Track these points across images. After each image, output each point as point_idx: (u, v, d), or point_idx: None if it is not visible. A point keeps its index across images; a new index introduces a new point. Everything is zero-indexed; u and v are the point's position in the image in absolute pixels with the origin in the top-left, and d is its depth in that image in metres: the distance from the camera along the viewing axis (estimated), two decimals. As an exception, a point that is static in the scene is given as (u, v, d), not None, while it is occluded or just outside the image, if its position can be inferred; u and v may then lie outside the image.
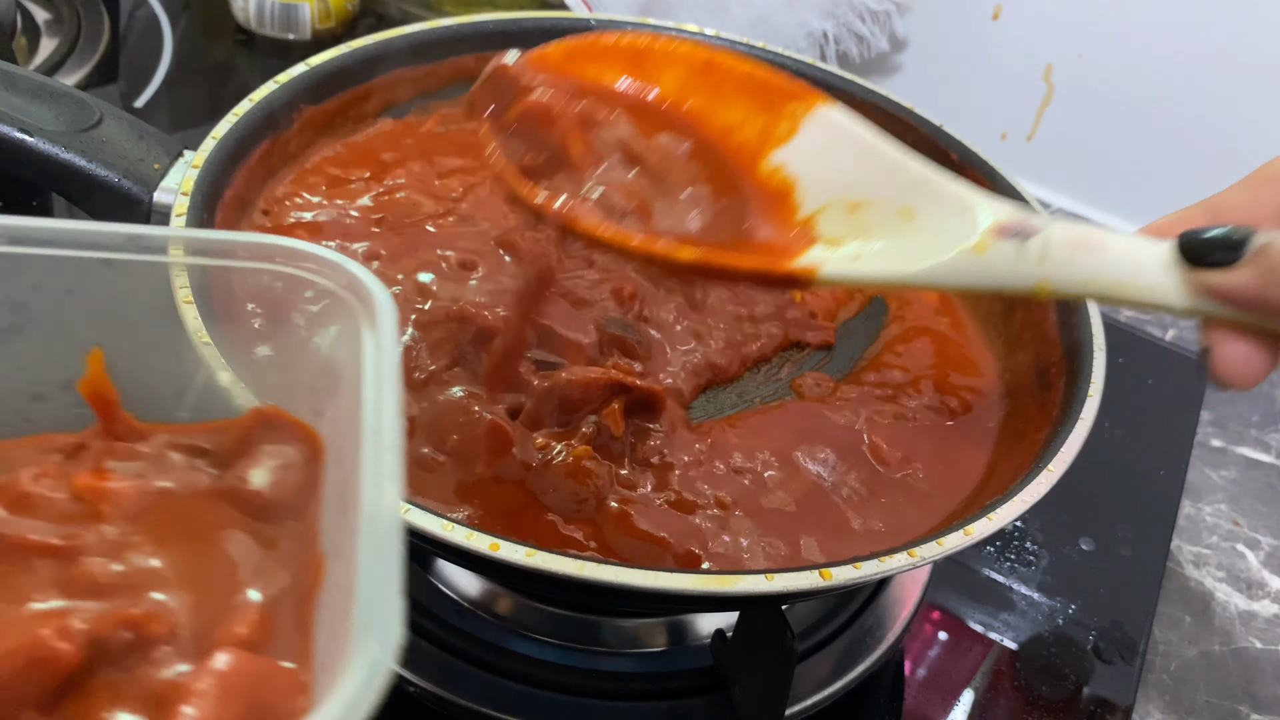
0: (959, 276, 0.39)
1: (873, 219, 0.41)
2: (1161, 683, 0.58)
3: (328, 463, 0.33)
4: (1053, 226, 0.38)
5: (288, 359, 0.35)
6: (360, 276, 0.32)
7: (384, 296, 0.31)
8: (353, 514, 0.27)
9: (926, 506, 0.50)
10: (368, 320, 0.31)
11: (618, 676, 0.51)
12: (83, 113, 0.52)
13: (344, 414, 0.31)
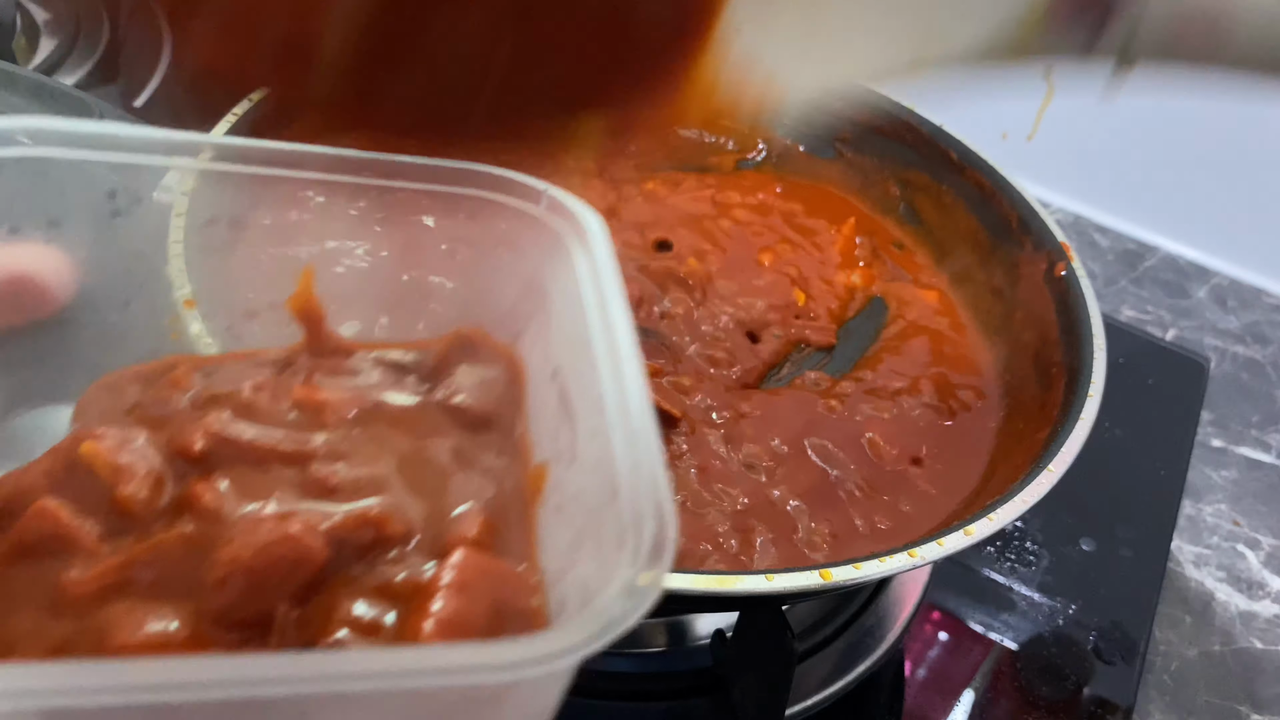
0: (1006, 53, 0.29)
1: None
2: (1162, 683, 0.58)
3: (533, 381, 0.33)
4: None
5: (484, 283, 0.35)
6: (563, 200, 0.32)
7: (591, 218, 0.31)
8: (588, 418, 0.28)
9: (927, 506, 0.50)
10: (578, 242, 0.31)
11: (617, 677, 0.51)
12: (82, 113, 0.52)
13: (555, 333, 0.32)
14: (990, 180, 0.61)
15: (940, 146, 0.64)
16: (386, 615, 0.27)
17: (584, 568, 0.27)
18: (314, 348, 0.35)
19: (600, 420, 0.27)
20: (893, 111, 0.66)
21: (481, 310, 0.35)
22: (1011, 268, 0.60)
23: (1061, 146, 0.95)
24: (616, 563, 0.24)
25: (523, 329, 0.34)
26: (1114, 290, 0.86)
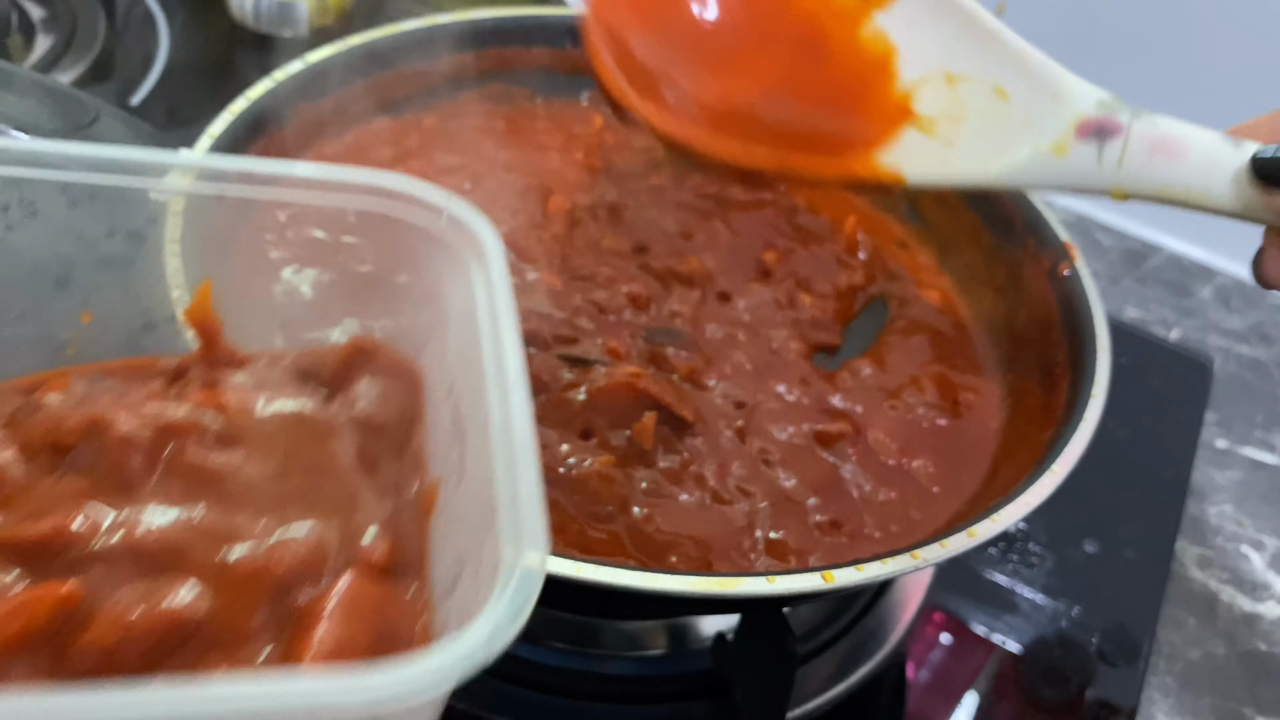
0: (1037, 178, 0.40)
1: (969, 96, 0.41)
2: (1166, 685, 0.58)
3: (432, 396, 0.33)
4: (1135, 125, 0.38)
5: (384, 296, 0.35)
6: (463, 216, 0.32)
7: (489, 235, 0.32)
8: (475, 436, 0.28)
9: (930, 508, 0.49)
10: (474, 257, 0.31)
11: (618, 680, 0.50)
12: (78, 110, 0.52)
13: (453, 348, 0.32)
14: (993, 179, 0.61)
15: (942, 145, 0.64)
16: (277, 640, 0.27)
17: (464, 591, 0.27)
18: (209, 358, 0.35)
19: (486, 440, 0.27)
20: (894, 109, 0.66)
21: (383, 322, 0.35)
22: (1014, 267, 0.59)
23: (1063, 145, 0.95)
24: (490, 593, 0.24)
25: (423, 343, 0.34)
26: (1117, 290, 0.86)
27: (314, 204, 0.34)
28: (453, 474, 0.30)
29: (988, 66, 0.41)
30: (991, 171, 0.40)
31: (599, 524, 0.45)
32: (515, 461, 0.26)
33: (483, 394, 0.28)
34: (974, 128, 0.41)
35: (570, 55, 0.69)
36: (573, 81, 0.69)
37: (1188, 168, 0.37)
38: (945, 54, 0.42)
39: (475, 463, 0.28)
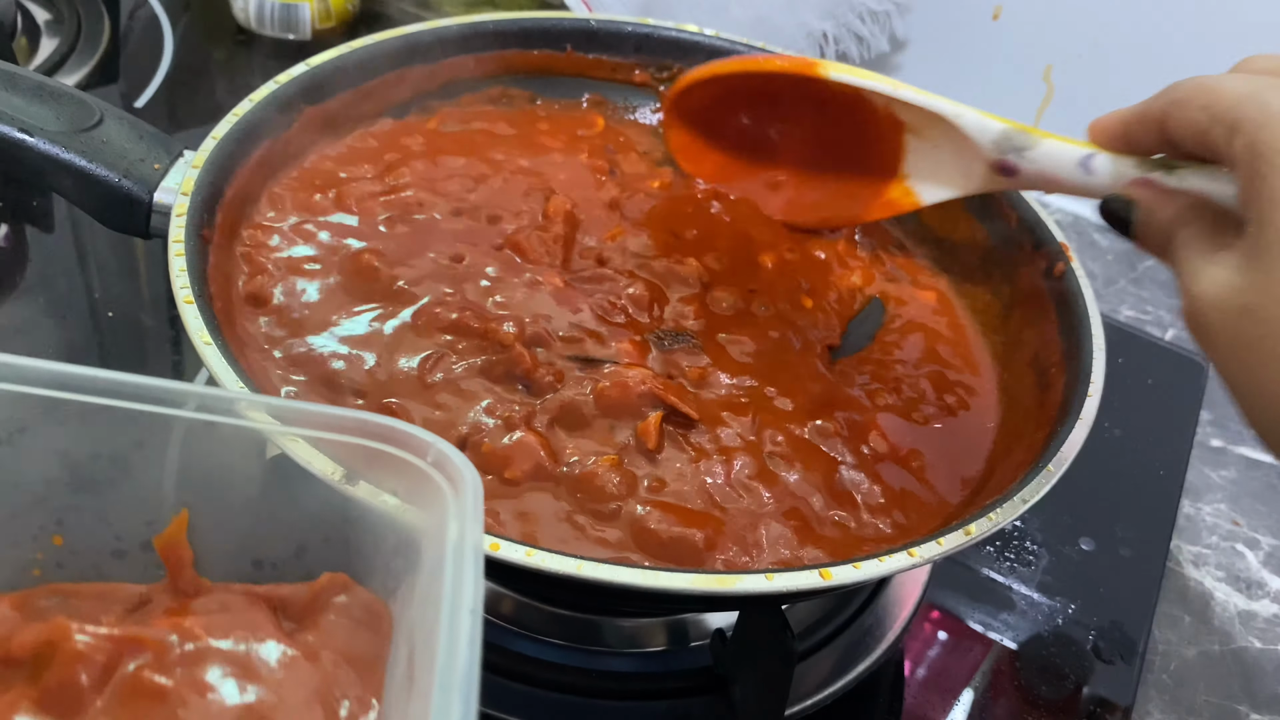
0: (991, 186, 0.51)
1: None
2: (1161, 682, 0.58)
3: (396, 639, 0.33)
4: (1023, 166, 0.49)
5: (366, 532, 0.35)
6: (449, 454, 0.32)
7: (472, 476, 0.32)
8: (423, 682, 0.27)
9: (927, 506, 0.50)
10: (454, 501, 0.31)
11: (618, 676, 0.51)
12: (83, 113, 0.52)
13: (419, 591, 0.31)
14: (990, 180, 0.61)
15: (940, 147, 0.64)
16: None
17: None
18: (176, 588, 0.34)
19: (429, 686, 0.26)
20: (892, 112, 0.66)
21: (359, 561, 0.35)
22: (1011, 268, 0.60)
23: (1061, 146, 0.95)
24: None
25: (397, 585, 0.34)
26: (1113, 290, 0.86)
27: (306, 438, 0.34)
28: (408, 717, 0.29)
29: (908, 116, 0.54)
30: (970, 186, 0.52)
31: (601, 522, 0.46)
32: (450, 708, 0.26)
33: (435, 645, 0.27)
34: (933, 138, 0.53)
35: (571, 58, 0.69)
36: (574, 84, 0.70)
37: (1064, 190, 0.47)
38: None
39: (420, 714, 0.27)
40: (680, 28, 0.69)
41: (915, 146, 0.55)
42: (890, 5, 0.95)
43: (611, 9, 0.86)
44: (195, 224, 0.49)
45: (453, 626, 0.27)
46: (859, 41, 0.95)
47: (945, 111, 0.52)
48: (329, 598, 0.34)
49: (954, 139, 0.52)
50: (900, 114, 0.55)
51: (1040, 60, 0.94)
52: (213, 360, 0.43)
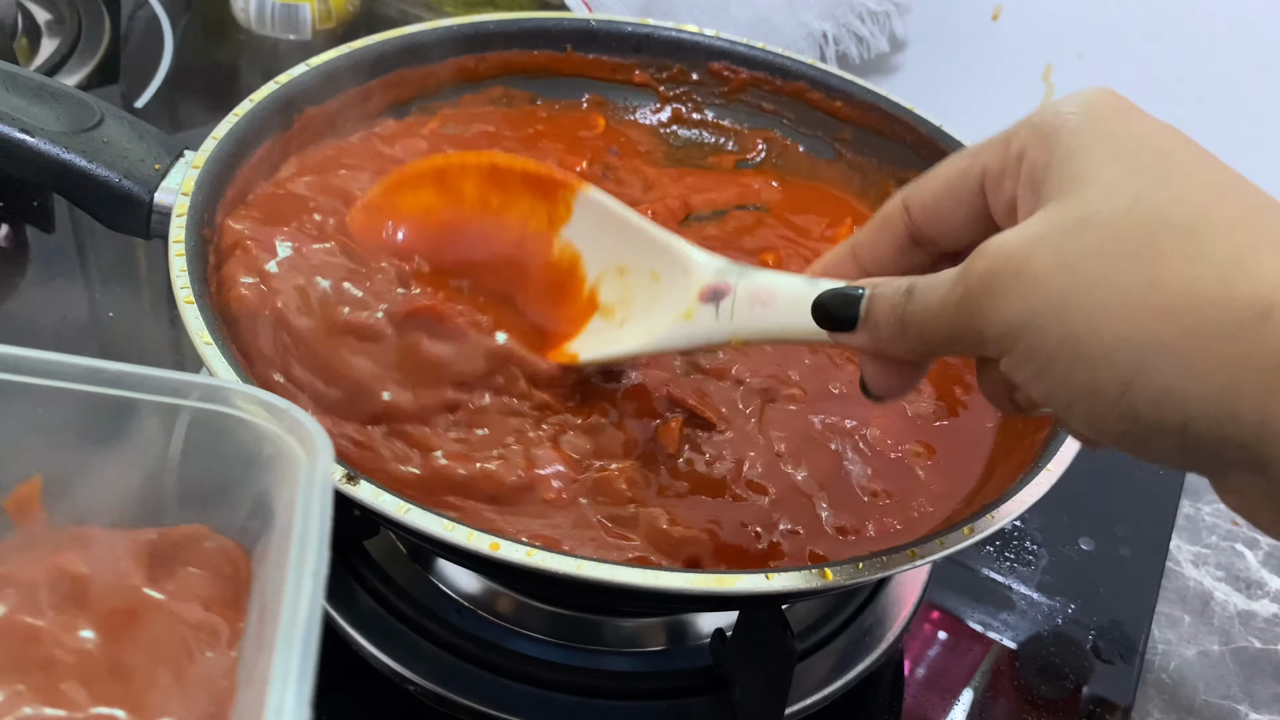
0: (678, 341, 0.46)
1: (634, 281, 0.49)
2: (1161, 682, 0.59)
3: (252, 594, 0.34)
4: (740, 284, 0.44)
5: (220, 495, 0.36)
6: (301, 419, 0.34)
7: (322, 439, 0.33)
8: (270, 637, 0.28)
9: (927, 505, 0.50)
10: (307, 460, 0.33)
11: (617, 676, 0.51)
12: (83, 113, 0.52)
13: (273, 551, 0.32)
14: (990, 180, 0.61)
15: (940, 146, 0.64)
16: None
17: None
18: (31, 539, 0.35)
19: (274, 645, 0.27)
20: (892, 112, 0.66)
21: (217, 520, 0.36)
22: (1011, 268, 0.60)
23: (1061, 146, 0.95)
24: None
25: (254, 544, 0.35)
26: (1113, 290, 0.86)
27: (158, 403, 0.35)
28: (253, 680, 0.30)
29: (643, 256, 0.49)
30: (644, 342, 0.47)
31: (620, 526, 0.46)
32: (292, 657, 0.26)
33: (281, 597, 0.28)
34: (638, 307, 0.49)
35: (571, 59, 0.69)
36: (574, 85, 0.70)
37: (779, 311, 0.42)
38: (614, 251, 0.50)
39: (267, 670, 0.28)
40: (680, 28, 0.70)
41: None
42: (890, 5, 0.95)
43: (611, 9, 0.87)
44: (195, 224, 0.49)
45: (296, 588, 0.28)
46: (859, 41, 0.95)
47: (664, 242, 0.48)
48: (191, 546, 0.35)
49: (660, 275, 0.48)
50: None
51: (1040, 60, 0.94)
52: (213, 360, 0.43)
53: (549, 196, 0.51)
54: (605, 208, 0.50)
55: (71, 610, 0.32)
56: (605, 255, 0.50)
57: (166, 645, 0.32)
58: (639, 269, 0.49)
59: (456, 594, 0.53)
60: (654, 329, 0.47)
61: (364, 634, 0.50)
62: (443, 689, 0.49)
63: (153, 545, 0.35)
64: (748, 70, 0.69)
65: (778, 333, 0.42)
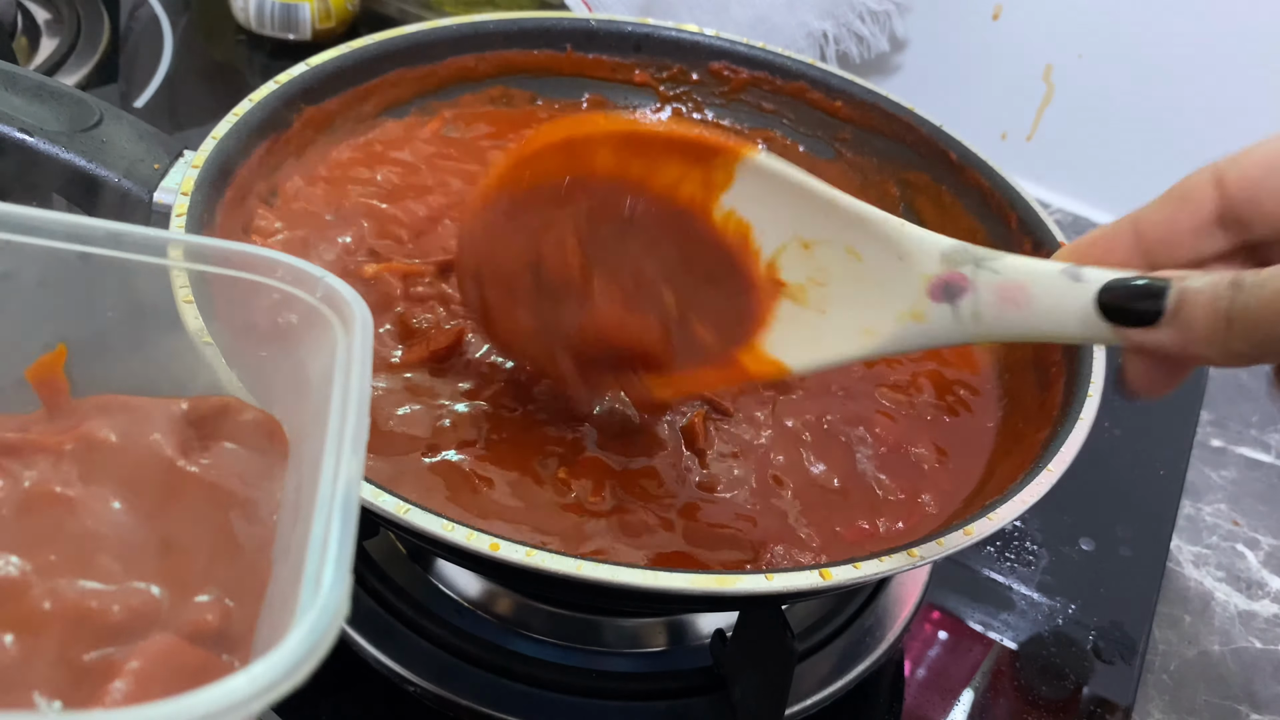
0: (908, 343, 0.40)
1: (827, 258, 0.42)
2: (1161, 682, 0.58)
3: (290, 468, 0.33)
4: (979, 276, 0.38)
5: (261, 365, 0.35)
6: (337, 288, 0.33)
7: (360, 307, 0.32)
8: (307, 509, 0.27)
9: (926, 505, 0.50)
10: (344, 330, 0.32)
11: (618, 676, 0.51)
12: (83, 112, 0.52)
13: (311, 418, 0.31)
14: (989, 180, 0.61)
15: (940, 146, 0.64)
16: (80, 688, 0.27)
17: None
18: (53, 417, 0.34)
19: (313, 510, 0.27)
20: (892, 111, 0.66)
21: (254, 389, 0.35)
22: (1011, 268, 0.59)
23: (1061, 146, 0.95)
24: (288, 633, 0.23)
25: (292, 415, 0.34)
26: (1114, 290, 0.86)
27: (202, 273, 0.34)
28: (290, 552, 0.30)
29: (833, 230, 0.42)
30: (867, 344, 0.41)
31: (659, 514, 0.46)
32: (333, 521, 0.26)
33: (321, 470, 0.28)
34: (838, 291, 0.42)
35: (571, 58, 0.69)
36: (574, 84, 0.70)
37: (1038, 312, 0.37)
38: (794, 223, 0.43)
39: (303, 542, 0.27)
40: (680, 28, 0.70)
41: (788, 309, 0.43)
42: (890, 5, 0.95)
43: (611, 9, 0.86)
44: (195, 224, 0.49)
45: (336, 456, 0.28)
46: (859, 41, 0.95)
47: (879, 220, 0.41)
48: (224, 418, 0.34)
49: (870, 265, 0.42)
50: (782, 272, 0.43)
51: (1040, 60, 0.94)
52: (213, 360, 0.43)
53: (702, 160, 0.44)
54: (778, 173, 0.43)
55: (102, 480, 0.31)
56: (783, 227, 0.43)
57: (202, 518, 0.31)
58: (831, 243, 0.42)
59: (456, 594, 0.53)
60: (875, 328, 0.41)
61: (364, 634, 0.50)
62: (443, 689, 0.49)
63: (185, 415, 0.34)
64: (748, 70, 0.69)
65: (1038, 335, 0.37)
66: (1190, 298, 0.33)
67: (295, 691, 0.23)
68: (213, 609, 0.29)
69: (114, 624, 0.28)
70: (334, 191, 0.59)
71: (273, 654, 0.23)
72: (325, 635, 0.24)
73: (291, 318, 0.34)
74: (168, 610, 0.29)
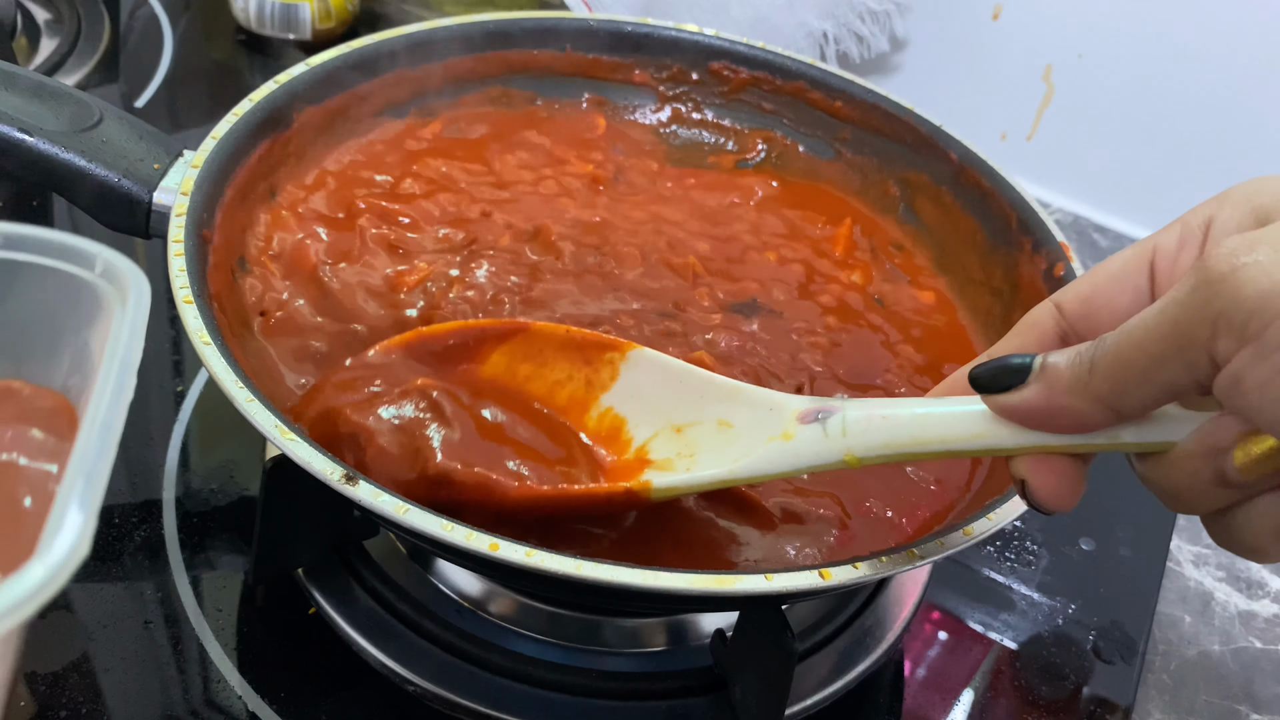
0: (776, 464, 0.41)
1: (697, 436, 0.44)
2: (1161, 682, 0.58)
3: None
4: (849, 405, 0.39)
5: (37, 346, 0.36)
6: (115, 262, 0.33)
7: (138, 279, 0.33)
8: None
9: (927, 505, 0.50)
10: (122, 306, 0.33)
11: (618, 676, 0.51)
12: (83, 112, 0.52)
13: (94, 393, 0.32)
14: (989, 180, 0.61)
15: (940, 147, 0.64)
16: None
17: None
18: None
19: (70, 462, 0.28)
20: (892, 111, 0.66)
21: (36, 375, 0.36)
22: (1011, 268, 0.60)
23: (1061, 146, 0.95)
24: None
25: (79, 397, 0.35)
26: (1114, 290, 0.86)
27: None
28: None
29: (708, 409, 0.44)
30: (731, 469, 0.42)
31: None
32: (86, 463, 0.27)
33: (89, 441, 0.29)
34: (708, 452, 0.43)
35: (572, 58, 0.69)
36: (574, 84, 0.70)
37: (904, 421, 0.38)
38: (669, 411, 0.45)
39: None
40: (680, 27, 0.70)
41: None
42: (890, 5, 0.95)
43: (611, 9, 0.86)
44: (195, 224, 0.49)
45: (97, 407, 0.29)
46: (859, 41, 0.95)
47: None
48: (9, 399, 0.35)
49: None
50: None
51: (1040, 60, 0.94)
52: (212, 360, 0.43)
53: (591, 361, 0.46)
54: (661, 365, 0.45)
55: None
56: (658, 416, 0.45)
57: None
58: (703, 423, 0.44)
59: (456, 594, 0.53)
60: (741, 457, 0.41)
61: (364, 634, 0.50)
62: (443, 689, 0.49)
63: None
64: (748, 70, 0.69)
65: (905, 446, 0.37)
66: (1054, 358, 0.34)
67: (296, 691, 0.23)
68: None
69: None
70: (337, 192, 0.59)
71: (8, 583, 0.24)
72: (61, 569, 0.25)
73: (72, 297, 0.34)
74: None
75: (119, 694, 0.47)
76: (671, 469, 0.43)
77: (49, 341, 0.35)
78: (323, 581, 0.51)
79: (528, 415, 0.46)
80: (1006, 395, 0.35)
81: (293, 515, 0.49)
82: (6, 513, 0.32)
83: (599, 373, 0.46)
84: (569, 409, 0.46)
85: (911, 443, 0.37)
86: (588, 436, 0.46)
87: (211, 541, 0.54)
